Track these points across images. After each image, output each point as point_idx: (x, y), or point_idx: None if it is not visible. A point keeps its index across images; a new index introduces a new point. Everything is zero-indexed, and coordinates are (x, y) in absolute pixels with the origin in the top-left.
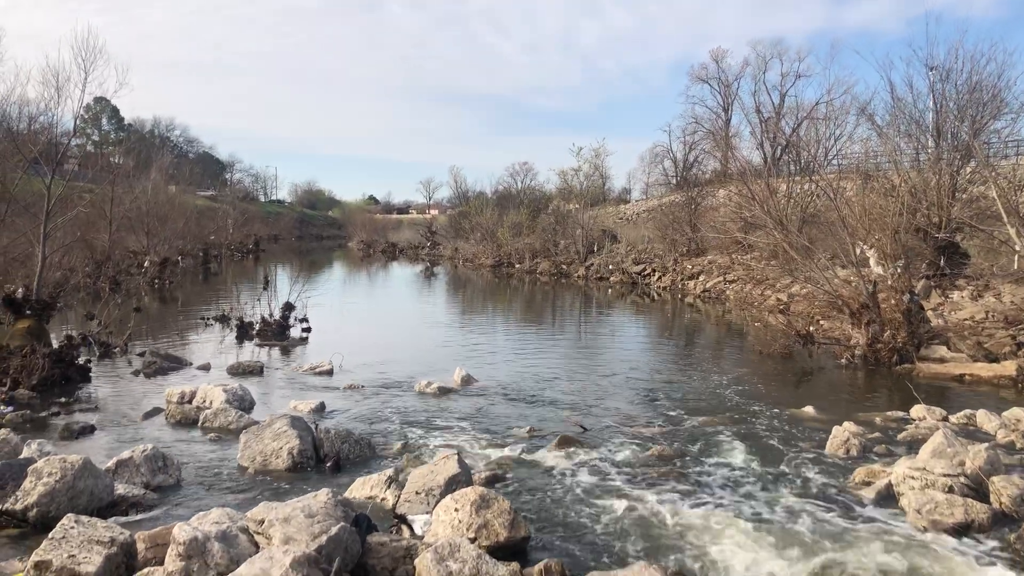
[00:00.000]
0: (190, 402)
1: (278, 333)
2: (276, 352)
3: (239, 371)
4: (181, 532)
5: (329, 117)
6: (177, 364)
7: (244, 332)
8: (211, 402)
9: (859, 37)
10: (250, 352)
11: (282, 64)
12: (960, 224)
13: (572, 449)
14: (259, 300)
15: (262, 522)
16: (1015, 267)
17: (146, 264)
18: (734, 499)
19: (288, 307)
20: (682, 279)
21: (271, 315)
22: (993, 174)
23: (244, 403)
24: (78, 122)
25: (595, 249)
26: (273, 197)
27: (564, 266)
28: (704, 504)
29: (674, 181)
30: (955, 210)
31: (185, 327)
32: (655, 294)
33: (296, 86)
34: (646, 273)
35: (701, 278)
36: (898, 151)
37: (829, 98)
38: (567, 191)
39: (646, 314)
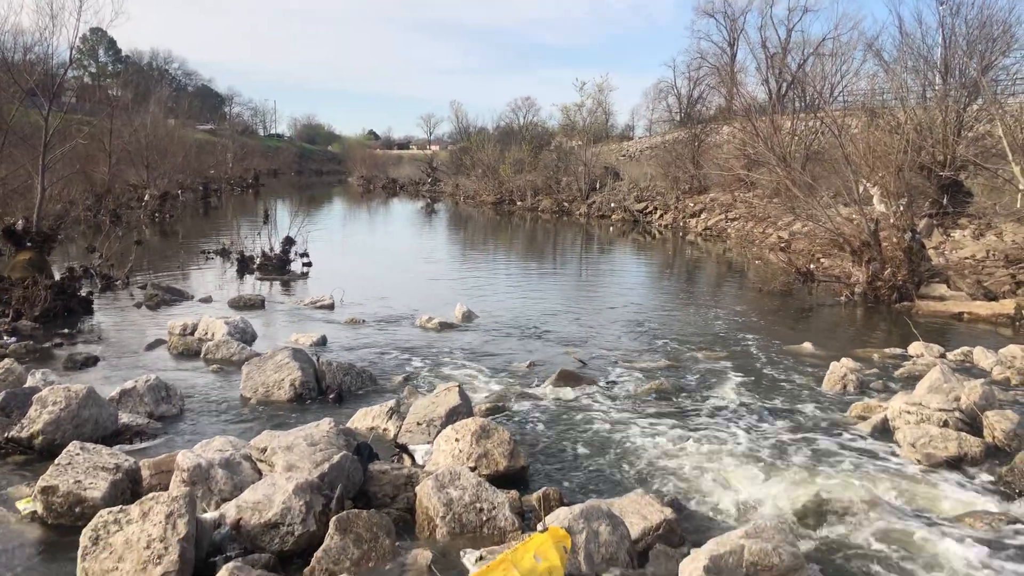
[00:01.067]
0: (192, 334)
1: (279, 267)
2: (277, 286)
3: (240, 304)
4: (185, 459)
5: (328, 51)
6: (179, 297)
7: (245, 266)
8: (213, 334)
9: None
10: (251, 286)
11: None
12: (964, 162)
13: (572, 383)
14: (259, 234)
15: (265, 450)
16: (1018, 206)
17: (146, 198)
18: (731, 432)
19: (288, 241)
20: (684, 217)
21: (272, 249)
22: (1000, 111)
23: (246, 336)
24: (74, 53)
25: (597, 187)
26: (272, 131)
27: (566, 203)
28: (700, 436)
29: (678, 118)
30: (960, 148)
31: (186, 261)
32: (656, 232)
33: (294, 18)
34: (648, 211)
35: (703, 216)
36: (905, 88)
37: (836, 33)
38: (570, 127)
39: (647, 252)
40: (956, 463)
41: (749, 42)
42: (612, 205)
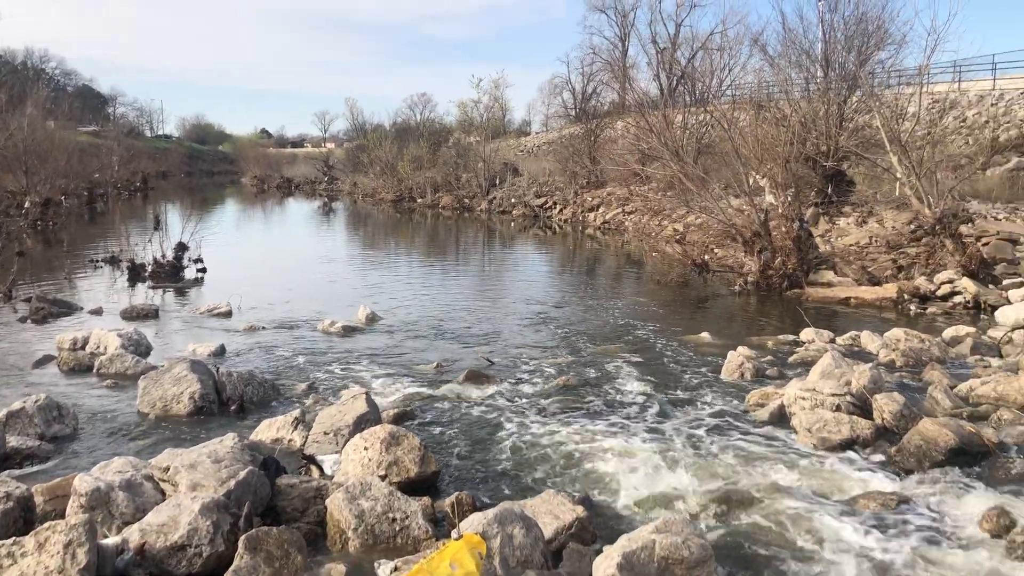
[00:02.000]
0: (83, 348)
1: (172, 274)
2: (171, 294)
3: (133, 315)
4: (82, 483)
5: (217, 47)
6: (67, 309)
7: (136, 274)
8: (106, 348)
9: None
10: (143, 295)
11: None
12: (847, 153)
13: (480, 382)
14: (150, 240)
15: (167, 469)
16: (896, 194)
17: (27, 205)
18: (636, 424)
19: (181, 247)
20: (583, 211)
21: (164, 256)
22: (877, 103)
23: (140, 348)
24: None
25: (497, 182)
26: (160, 132)
27: (466, 200)
28: (607, 431)
29: (573, 113)
30: (842, 139)
31: (73, 270)
32: (557, 227)
33: (179, 13)
34: (548, 206)
35: (601, 210)
36: (789, 81)
37: (723, 28)
38: (467, 123)
39: (548, 247)
40: (849, 445)
41: (640, 37)
42: (512, 201)
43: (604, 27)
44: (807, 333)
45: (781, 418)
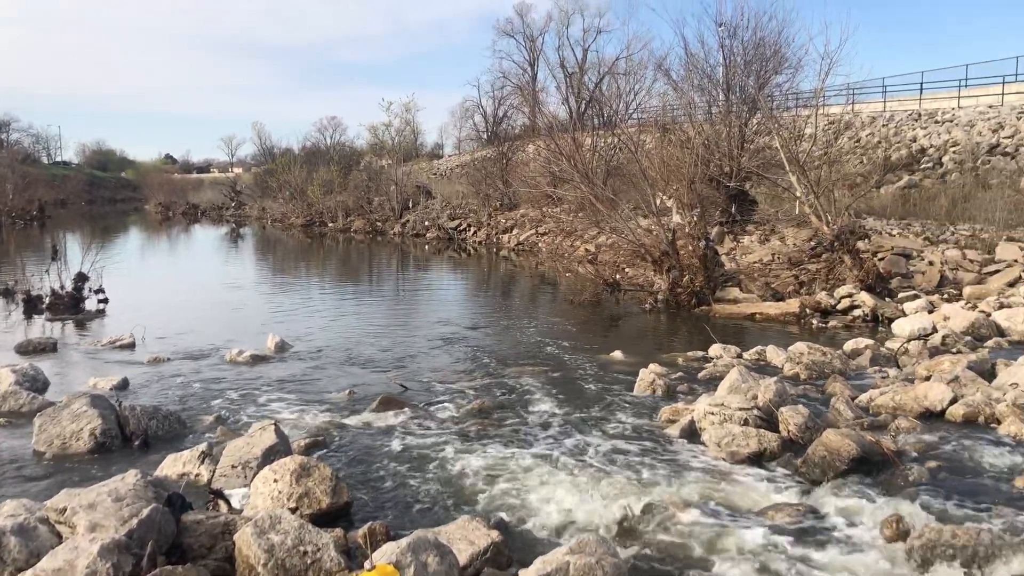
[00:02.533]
0: None
1: (71, 306)
2: (70, 326)
3: (29, 349)
4: None
5: (117, 71)
6: None
7: (32, 306)
8: None
9: None
10: (40, 328)
11: (58, 11)
12: (749, 173)
13: (394, 409)
14: (48, 271)
15: (64, 510)
16: (796, 212)
17: None
18: (551, 445)
19: (81, 277)
20: (496, 233)
21: (62, 287)
22: (776, 125)
23: (37, 383)
24: None
25: (410, 205)
26: (58, 159)
27: (379, 223)
28: (523, 453)
29: (485, 136)
30: (744, 160)
31: None
32: (471, 249)
33: (76, 36)
34: (462, 228)
35: (515, 231)
36: (692, 105)
37: (628, 53)
38: (379, 147)
39: (463, 269)
40: (757, 458)
41: (548, 62)
42: (426, 223)
43: (513, 52)
44: (715, 349)
45: (692, 433)
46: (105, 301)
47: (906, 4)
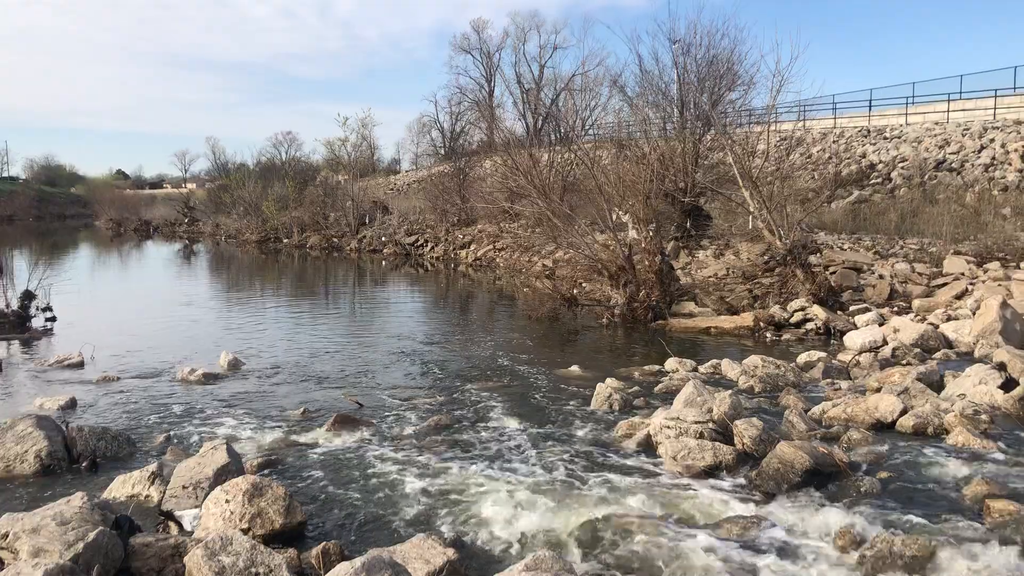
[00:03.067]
0: None
1: (17, 324)
2: (16, 346)
3: None
4: None
5: (67, 86)
6: None
7: None
8: None
9: (608, 11)
10: None
11: (6, 25)
12: (703, 188)
13: (349, 427)
14: None
15: (6, 536)
16: (750, 227)
17: None
18: (508, 461)
19: (28, 295)
20: (454, 248)
21: (7, 305)
22: (729, 141)
23: None
24: None
25: (367, 221)
26: (5, 174)
27: (335, 239)
28: (480, 469)
29: (442, 151)
30: (698, 175)
31: None
32: (429, 264)
33: (24, 50)
34: (419, 244)
35: (472, 247)
36: (647, 121)
37: (584, 70)
38: (335, 162)
39: (420, 285)
40: (713, 471)
41: (505, 78)
42: (383, 239)
43: (470, 68)
44: (671, 363)
45: (648, 447)
46: (53, 319)
47: (854, 24)
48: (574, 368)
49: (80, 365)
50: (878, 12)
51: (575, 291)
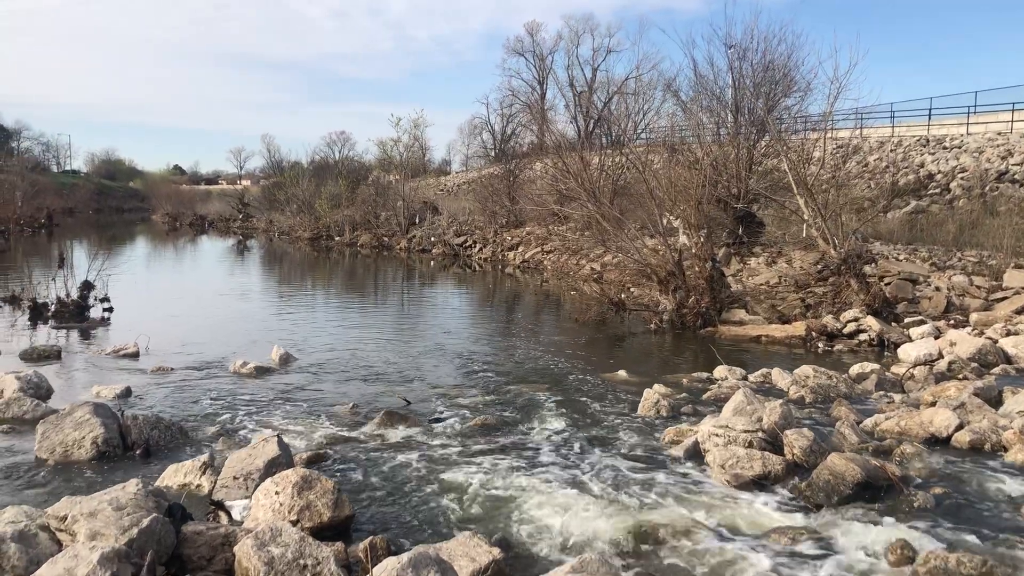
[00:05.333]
0: None
1: (76, 314)
2: (75, 335)
3: (34, 356)
4: None
5: (127, 83)
6: None
7: (38, 314)
8: (2, 391)
9: (662, 14)
10: (45, 335)
11: (68, 23)
12: (756, 195)
13: (396, 423)
14: (54, 279)
15: (65, 518)
16: (804, 235)
17: None
18: (554, 463)
19: (87, 286)
20: (502, 250)
21: (68, 295)
22: (784, 148)
23: (40, 391)
24: None
25: (417, 221)
26: (68, 168)
27: (385, 238)
28: (526, 470)
29: (493, 153)
30: (752, 182)
31: None
32: (476, 265)
33: (86, 48)
34: (467, 245)
35: (520, 249)
36: (701, 126)
37: (638, 74)
38: (387, 162)
39: (468, 285)
40: (762, 481)
41: (558, 81)
42: (432, 239)
43: (523, 70)
44: (720, 371)
45: (696, 455)
46: (110, 310)
47: (915, 31)
48: (621, 373)
49: (136, 355)
50: (940, 19)
51: (623, 295)
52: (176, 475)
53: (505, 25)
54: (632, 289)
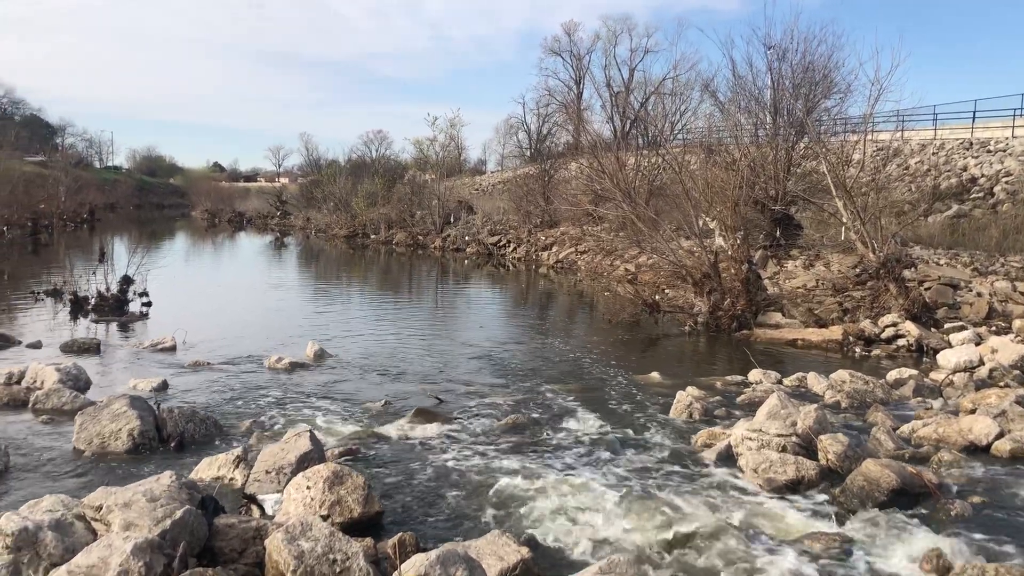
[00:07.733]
0: (19, 383)
1: (116, 308)
2: (114, 328)
3: (74, 348)
4: (9, 522)
5: (167, 81)
6: (4, 342)
7: (79, 307)
8: (43, 382)
9: (700, 14)
10: (85, 328)
11: (109, 21)
12: (794, 197)
13: (428, 421)
14: (95, 273)
15: (100, 508)
16: (842, 238)
17: None
18: (585, 464)
19: (127, 280)
20: (536, 250)
21: (108, 289)
22: (824, 150)
23: (79, 382)
24: None
25: (451, 220)
26: (110, 164)
27: (420, 237)
28: (557, 471)
29: (528, 153)
30: (790, 184)
31: (13, 303)
32: (510, 265)
33: (127, 46)
34: (501, 244)
35: (554, 249)
36: (739, 127)
37: (675, 74)
38: (423, 161)
39: (501, 285)
40: (795, 486)
41: (594, 81)
42: (467, 238)
43: (559, 70)
44: (755, 374)
45: (728, 458)
46: (149, 304)
47: (960, 31)
48: (654, 374)
49: (173, 349)
50: (985, 18)
51: (657, 297)
52: (210, 468)
53: (542, 25)
54: (667, 291)
